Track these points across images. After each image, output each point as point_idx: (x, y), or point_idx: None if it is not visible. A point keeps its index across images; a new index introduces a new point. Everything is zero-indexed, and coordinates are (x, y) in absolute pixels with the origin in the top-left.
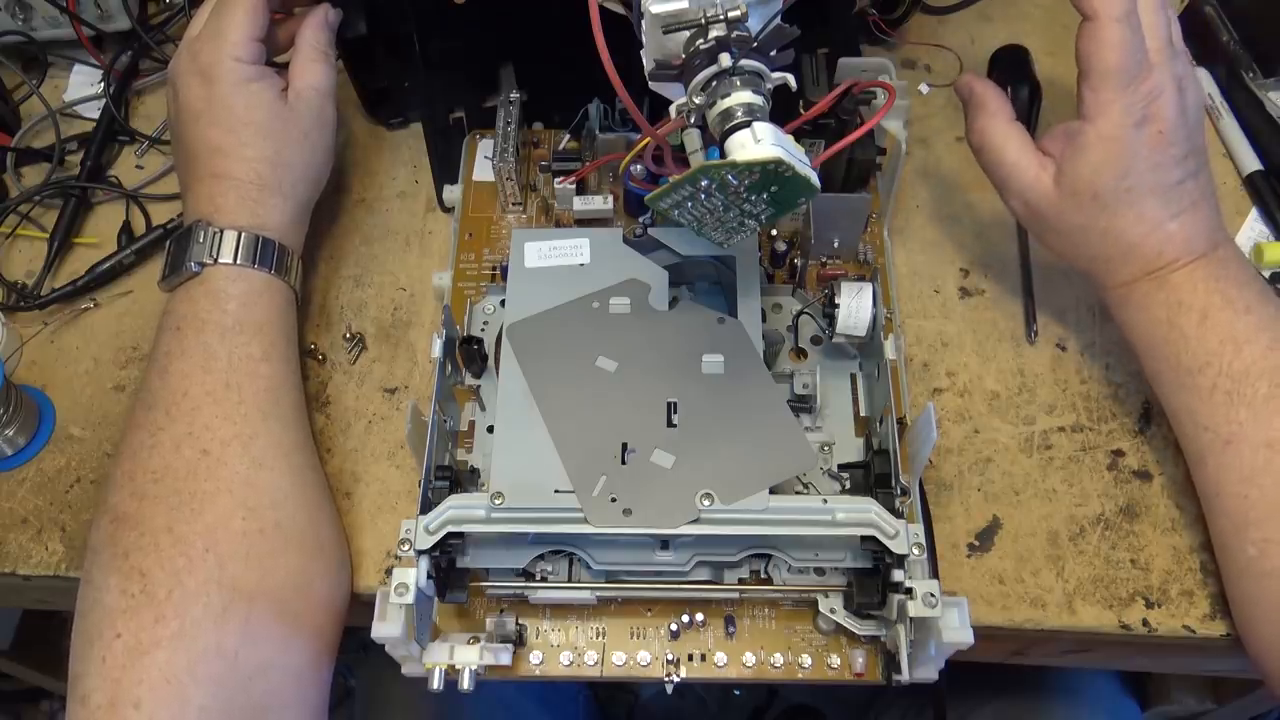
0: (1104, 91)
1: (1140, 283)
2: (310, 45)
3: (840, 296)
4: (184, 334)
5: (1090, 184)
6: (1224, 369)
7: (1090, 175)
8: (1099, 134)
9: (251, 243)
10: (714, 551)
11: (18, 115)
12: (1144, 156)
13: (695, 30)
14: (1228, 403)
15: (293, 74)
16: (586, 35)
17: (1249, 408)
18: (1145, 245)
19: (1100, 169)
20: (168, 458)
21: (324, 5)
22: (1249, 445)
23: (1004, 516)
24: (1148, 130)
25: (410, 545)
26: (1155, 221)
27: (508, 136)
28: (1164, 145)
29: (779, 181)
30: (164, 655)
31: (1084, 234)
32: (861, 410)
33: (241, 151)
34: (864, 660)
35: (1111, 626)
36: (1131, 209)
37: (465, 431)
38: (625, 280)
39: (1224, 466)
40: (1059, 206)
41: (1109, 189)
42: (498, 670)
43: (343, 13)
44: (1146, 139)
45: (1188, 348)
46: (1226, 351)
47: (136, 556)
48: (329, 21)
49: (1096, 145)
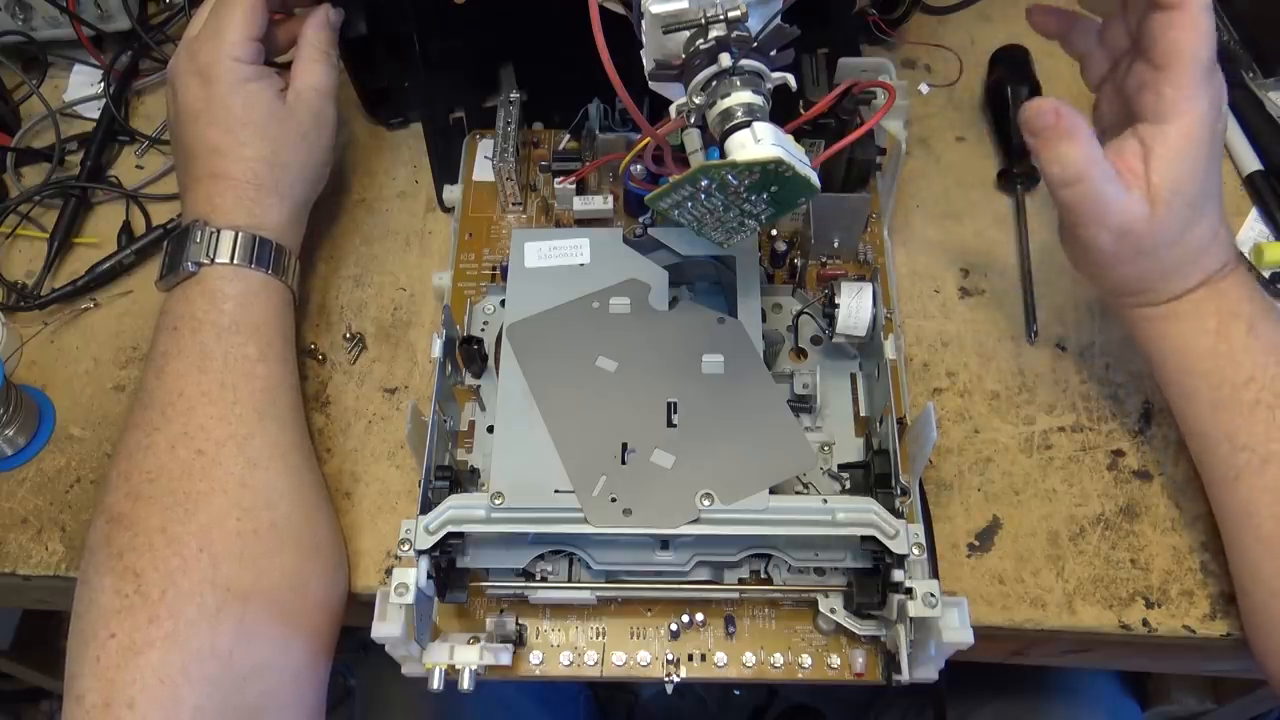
0: (1192, 85)
1: (1191, 294)
2: (312, 45)
3: (840, 296)
4: (181, 334)
5: (1185, 190)
6: (1267, 383)
7: (1185, 180)
8: (1184, 133)
9: (249, 243)
10: (714, 551)
11: (18, 115)
12: (1214, 154)
13: (695, 30)
14: (1270, 419)
15: (294, 74)
16: (586, 35)
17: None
18: (1205, 255)
19: (1194, 172)
20: (163, 458)
21: (325, 5)
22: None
23: (1004, 516)
24: (1219, 127)
25: (410, 545)
26: (1214, 226)
27: (508, 136)
28: (1220, 143)
29: (779, 181)
30: (158, 655)
31: (1169, 249)
32: (861, 410)
33: (239, 151)
34: (864, 660)
35: (1111, 626)
36: (1207, 213)
37: (465, 431)
38: (625, 280)
39: (1260, 487)
40: (1156, 225)
41: (1199, 191)
42: (498, 670)
43: (344, 12)
44: (1218, 136)
45: (1233, 360)
46: (1270, 365)
47: (131, 557)
48: (331, 21)
49: (1185, 146)
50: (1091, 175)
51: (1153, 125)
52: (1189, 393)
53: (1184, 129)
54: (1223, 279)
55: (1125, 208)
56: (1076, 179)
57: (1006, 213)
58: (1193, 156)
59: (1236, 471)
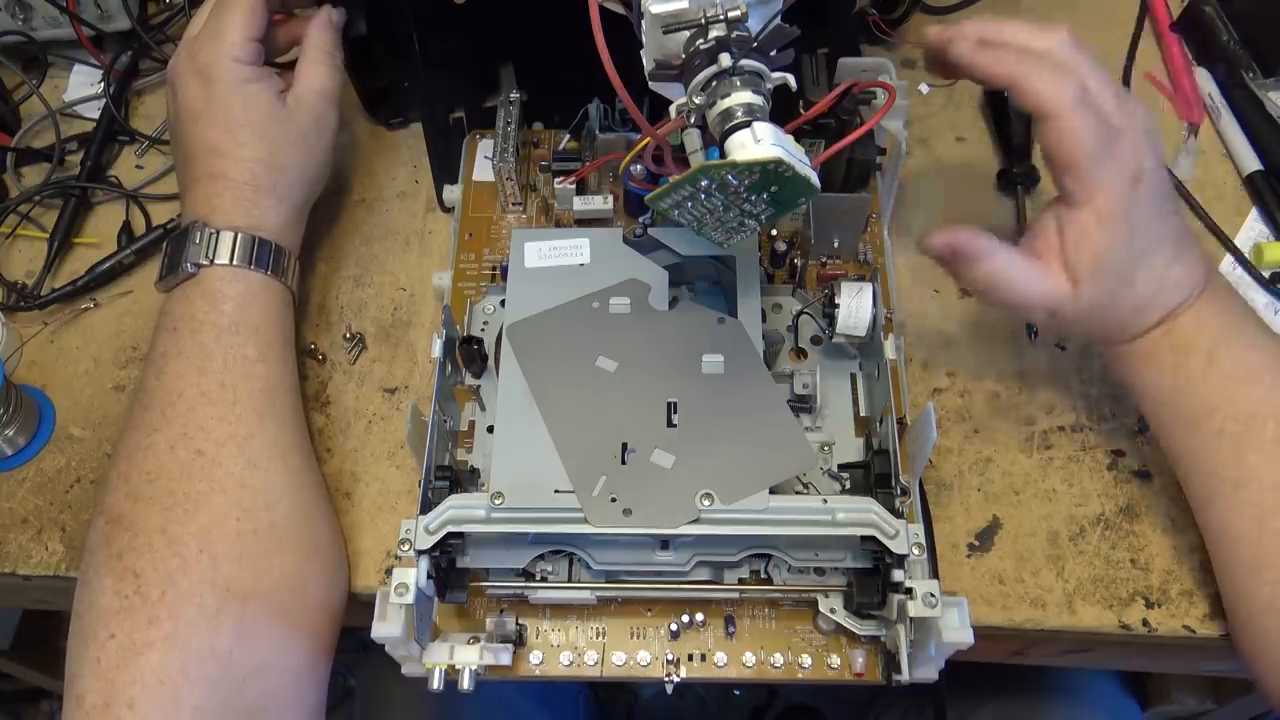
0: (1087, 175)
1: (1148, 334)
2: (315, 47)
3: (840, 296)
4: (180, 335)
5: (1106, 263)
6: (1231, 413)
7: (1104, 255)
8: (1098, 213)
9: (248, 243)
10: (714, 551)
11: (18, 115)
12: (1143, 213)
13: (695, 30)
14: (1235, 447)
15: (296, 75)
16: (586, 35)
17: (1258, 451)
18: (1157, 299)
19: (1112, 245)
20: (162, 459)
21: (328, 6)
22: (1260, 487)
23: (1004, 516)
24: (1140, 189)
25: (410, 545)
26: (1162, 272)
27: (508, 136)
28: (1156, 195)
29: (779, 181)
30: (157, 656)
31: (1103, 310)
32: (861, 410)
33: (238, 152)
34: (864, 660)
35: (1111, 626)
36: (1143, 268)
37: (465, 431)
38: (625, 280)
39: (1234, 509)
40: (1082, 299)
41: (1123, 259)
42: (498, 670)
43: (346, 13)
44: (1141, 197)
45: (1194, 393)
46: (1234, 393)
47: (130, 557)
48: (334, 22)
49: (1099, 225)
50: (1006, 279)
51: (1065, 209)
52: (1160, 424)
53: (1098, 208)
54: (1182, 313)
55: (1046, 292)
56: (993, 286)
57: (1006, 213)
58: (1110, 231)
59: (1209, 496)
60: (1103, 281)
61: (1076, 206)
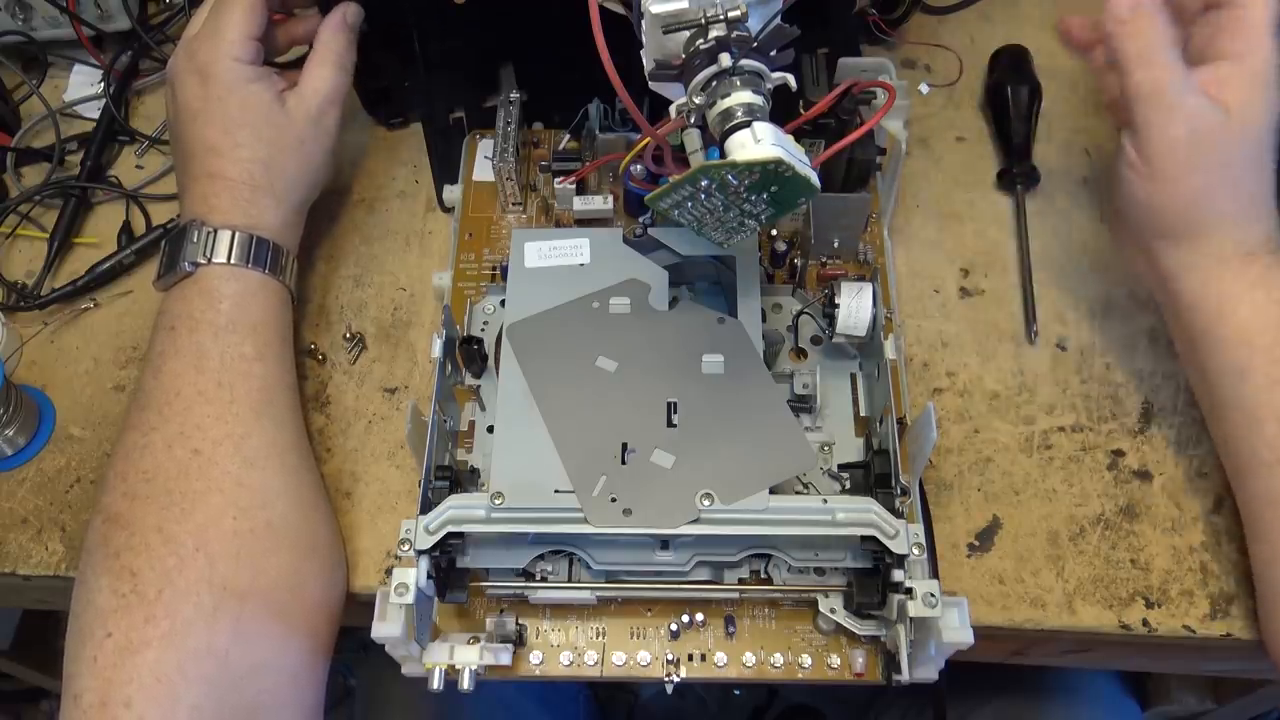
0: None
1: (1262, 256)
2: (326, 47)
3: (840, 296)
4: (178, 333)
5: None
6: None
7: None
8: (1257, 68)
9: (246, 242)
10: (714, 551)
11: (18, 115)
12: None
13: (695, 30)
14: None
15: (302, 75)
16: (586, 35)
17: None
18: (1267, 207)
19: (1264, 107)
20: (159, 457)
21: (344, 4)
22: None
23: (1004, 516)
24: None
25: (410, 545)
26: (1268, 182)
27: (508, 136)
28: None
29: (779, 181)
30: (154, 654)
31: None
32: (861, 410)
33: (236, 152)
34: (864, 660)
35: (1111, 626)
36: (1267, 159)
37: (465, 431)
38: (625, 280)
39: None
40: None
41: (1260, 128)
42: (498, 670)
43: (363, 11)
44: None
45: None
46: None
47: (127, 556)
48: (349, 23)
49: (1259, 78)
50: (1168, 58)
51: (1227, 62)
52: (1242, 365)
53: (1252, 66)
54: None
55: (1199, 103)
56: (1153, 57)
57: (1006, 213)
58: (1262, 92)
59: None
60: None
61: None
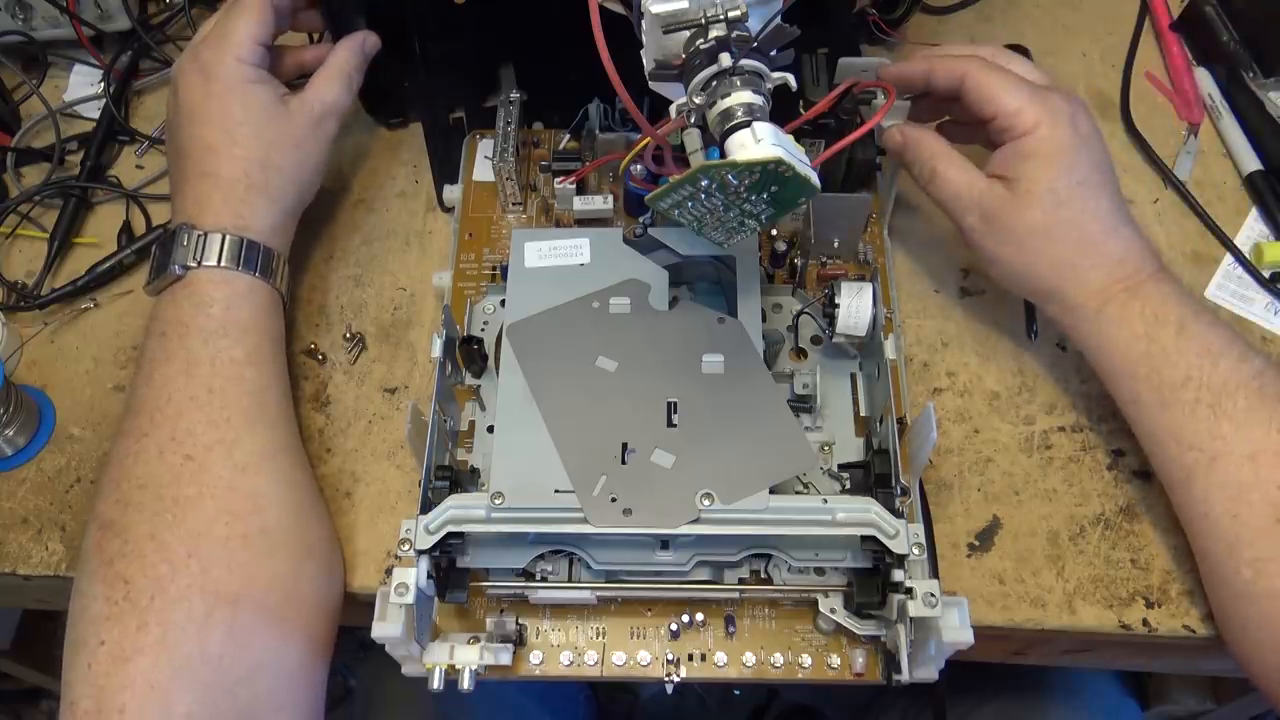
0: (1027, 108)
1: (1114, 293)
2: (339, 61)
3: (840, 296)
4: (168, 339)
5: (1045, 181)
6: (1204, 382)
7: (1043, 173)
8: (1039, 138)
9: (236, 245)
10: (714, 551)
11: (18, 115)
12: (1085, 153)
13: (695, 30)
14: (1211, 417)
15: (309, 84)
16: (586, 35)
17: (1231, 421)
18: (1108, 246)
19: (1050, 164)
20: (151, 464)
21: (366, 31)
22: (1234, 460)
23: (1004, 516)
24: (1080, 130)
25: (410, 545)
26: (1112, 221)
27: (508, 136)
28: (1096, 146)
29: (779, 181)
30: (147, 661)
31: (1045, 236)
32: (861, 410)
33: (232, 150)
34: (864, 660)
35: (1111, 626)
36: (1087, 203)
37: (465, 431)
38: (625, 280)
39: (1211, 485)
40: (1016, 208)
41: (1063, 184)
42: (498, 670)
43: (380, 42)
44: (1082, 137)
45: (1168, 361)
46: (1205, 364)
47: (120, 564)
48: (365, 47)
49: (1040, 147)
50: (943, 166)
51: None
52: (1133, 396)
53: (1040, 135)
54: (1142, 283)
55: (984, 191)
56: (932, 173)
57: None
58: (1053, 153)
59: (1187, 471)
60: (1038, 198)
61: (1020, 137)
